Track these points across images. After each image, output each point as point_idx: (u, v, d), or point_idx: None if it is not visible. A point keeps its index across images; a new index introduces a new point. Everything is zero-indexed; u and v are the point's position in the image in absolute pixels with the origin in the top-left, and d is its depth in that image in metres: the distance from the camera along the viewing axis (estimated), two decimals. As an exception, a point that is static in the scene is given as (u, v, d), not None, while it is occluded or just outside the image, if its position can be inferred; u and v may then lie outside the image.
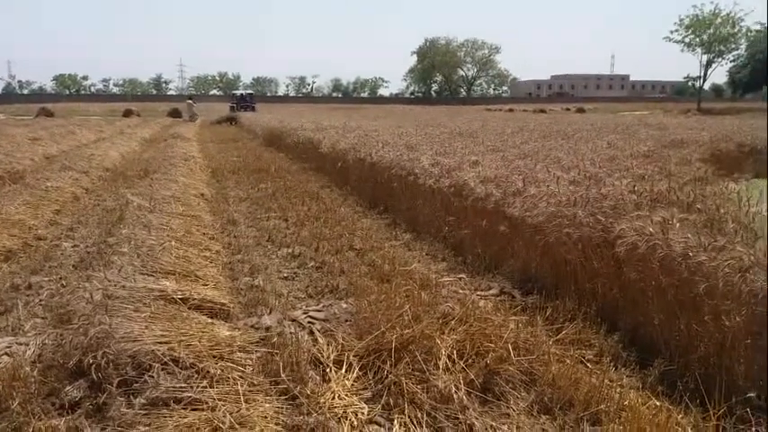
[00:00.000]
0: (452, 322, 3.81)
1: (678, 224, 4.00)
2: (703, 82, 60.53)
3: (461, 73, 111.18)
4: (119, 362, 3.27)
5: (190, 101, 40.44)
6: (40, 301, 5.01)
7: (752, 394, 2.94)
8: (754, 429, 2.85)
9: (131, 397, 3.07)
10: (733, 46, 54.38)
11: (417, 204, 7.60)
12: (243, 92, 54.60)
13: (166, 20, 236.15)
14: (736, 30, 53.14)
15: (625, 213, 4.47)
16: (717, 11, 52.52)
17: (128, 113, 43.02)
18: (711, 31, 52.85)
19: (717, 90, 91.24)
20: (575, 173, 6.51)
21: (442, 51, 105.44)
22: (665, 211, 4.30)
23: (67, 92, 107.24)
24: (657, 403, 3.11)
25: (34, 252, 6.53)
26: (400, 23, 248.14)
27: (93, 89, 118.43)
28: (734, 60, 55.71)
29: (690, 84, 72.79)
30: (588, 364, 3.65)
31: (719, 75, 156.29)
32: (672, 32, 54.72)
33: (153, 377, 3.19)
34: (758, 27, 52.46)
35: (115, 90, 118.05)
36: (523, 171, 6.82)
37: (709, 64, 56.12)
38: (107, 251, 6.19)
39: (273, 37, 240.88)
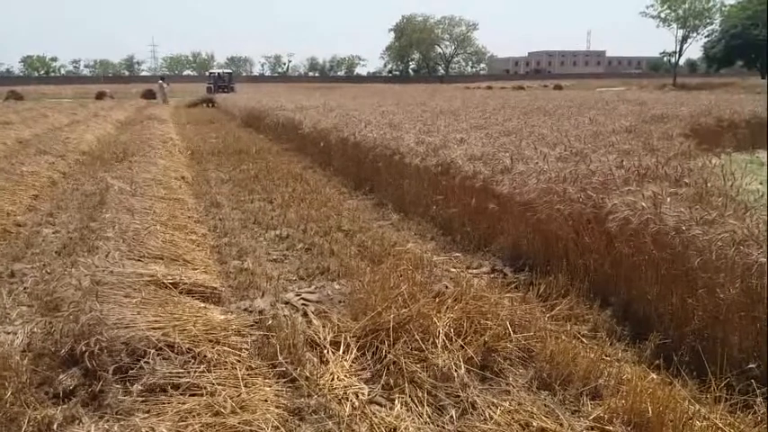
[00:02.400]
0: (449, 301, 3.80)
1: (669, 198, 4.03)
2: (679, 57, 61.23)
3: (439, 50, 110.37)
4: (113, 349, 3.21)
5: (161, 81, 39.40)
6: (25, 288, 4.89)
7: (752, 365, 2.98)
8: (753, 400, 2.88)
9: (128, 384, 3.02)
10: (708, 20, 54.92)
11: (404, 184, 7.55)
12: (220, 71, 51.57)
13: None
14: (710, 4, 53.66)
15: (615, 189, 4.49)
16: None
17: (100, 96, 42.09)
18: (687, 5, 53.23)
19: (691, 65, 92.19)
20: (560, 149, 6.52)
21: (420, 28, 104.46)
22: (655, 185, 4.33)
23: (36, 74, 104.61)
24: (655, 376, 3.15)
25: (14, 239, 6.37)
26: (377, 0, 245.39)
27: (62, 71, 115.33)
28: (708, 36, 56.25)
29: (665, 59, 73.32)
30: (584, 340, 3.68)
31: (694, 50, 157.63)
32: (648, 7, 55.23)
33: (149, 363, 3.14)
34: (732, 2, 53.06)
35: (86, 72, 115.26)
36: (509, 148, 6.82)
37: (684, 39, 56.70)
38: (90, 236, 6.08)
39: (247, 15, 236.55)
